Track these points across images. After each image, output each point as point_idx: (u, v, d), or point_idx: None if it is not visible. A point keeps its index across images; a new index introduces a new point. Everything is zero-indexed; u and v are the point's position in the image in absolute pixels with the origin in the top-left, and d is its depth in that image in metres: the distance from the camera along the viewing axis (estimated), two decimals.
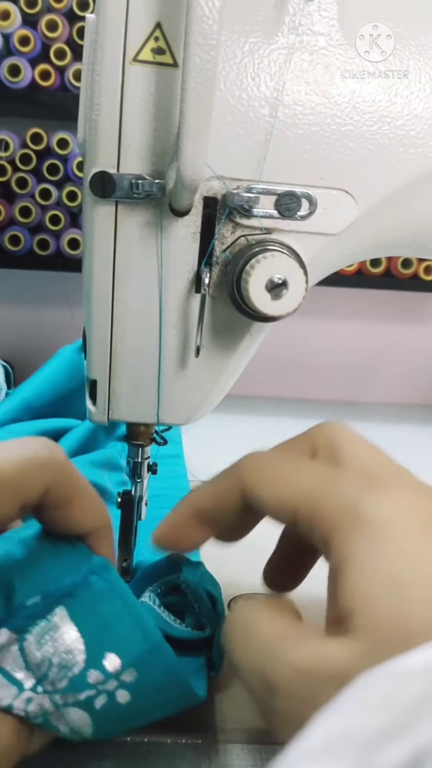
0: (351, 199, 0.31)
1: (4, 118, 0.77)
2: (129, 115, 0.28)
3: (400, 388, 0.98)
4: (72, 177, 0.76)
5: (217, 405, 0.36)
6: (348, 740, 0.15)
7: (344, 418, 0.90)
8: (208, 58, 0.24)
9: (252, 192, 0.30)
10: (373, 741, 0.15)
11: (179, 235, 0.31)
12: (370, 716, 0.16)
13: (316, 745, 0.16)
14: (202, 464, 0.61)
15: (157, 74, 0.28)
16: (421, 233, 0.33)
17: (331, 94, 0.30)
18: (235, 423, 0.78)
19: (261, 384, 0.92)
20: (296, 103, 0.29)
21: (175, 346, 0.33)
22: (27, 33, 0.70)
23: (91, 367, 0.34)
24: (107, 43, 0.27)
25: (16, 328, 0.90)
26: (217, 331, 0.33)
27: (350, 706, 0.17)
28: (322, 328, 0.94)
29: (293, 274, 0.29)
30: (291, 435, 0.32)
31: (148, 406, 0.34)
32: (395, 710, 0.16)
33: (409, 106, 0.30)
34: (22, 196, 0.76)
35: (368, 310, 0.94)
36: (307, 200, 0.30)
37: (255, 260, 0.29)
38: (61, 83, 0.73)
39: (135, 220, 0.30)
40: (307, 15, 0.29)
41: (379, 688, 0.17)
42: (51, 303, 0.89)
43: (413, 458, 0.34)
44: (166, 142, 0.29)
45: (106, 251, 0.31)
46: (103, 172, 0.29)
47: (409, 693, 0.16)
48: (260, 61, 0.29)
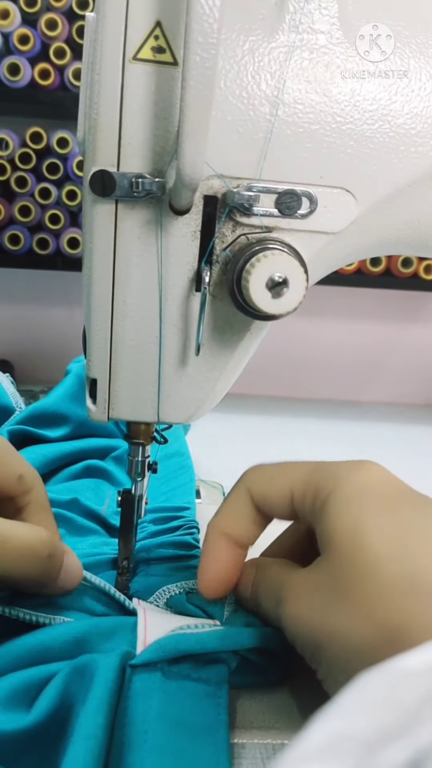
0: (351, 198, 0.31)
1: (4, 117, 0.77)
2: (129, 113, 0.28)
3: (401, 387, 0.98)
4: (72, 176, 0.76)
5: (217, 404, 0.36)
6: (348, 741, 0.15)
7: (344, 417, 0.90)
8: (208, 57, 0.24)
9: (252, 190, 0.30)
10: (373, 742, 0.15)
11: (179, 234, 0.30)
12: (370, 717, 0.16)
13: (316, 746, 0.15)
14: (203, 463, 0.61)
15: (157, 73, 0.28)
16: (422, 232, 0.33)
17: (332, 93, 0.30)
18: (235, 422, 0.78)
19: (261, 383, 0.92)
20: (296, 101, 0.29)
21: (175, 345, 0.33)
22: (26, 32, 0.70)
23: (91, 366, 0.34)
24: (107, 41, 0.27)
25: (15, 328, 0.90)
26: (217, 329, 0.33)
27: (350, 706, 0.17)
28: (322, 327, 0.94)
29: (294, 272, 0.29)
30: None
31: (148, 405, 0.34)
32: (396, 711, 0.16)
33: (409, 104, 0.30)
34: (22, 196, 0.76)
35: (368, 309, 0.94)
36: (308, 199, 0.30)
37: (255, 259, 0.29)
38: (60, 82, 0.73)
39: (135, 218, 0.30)
40: (308, 13, 0.29)
41: (379, 688, 0.17)
42: (51, 302, 0.89)
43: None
44: (166, 140, 0.29)
45: (106, 250, 0.31)
46: (102, 171, 0.29)
47: (410, 693, 0.16)
48: (260, 59, 0.29)
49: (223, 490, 0.57)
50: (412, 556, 0.26)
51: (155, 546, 0.44)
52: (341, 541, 0.28)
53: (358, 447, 0.75)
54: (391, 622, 0.26)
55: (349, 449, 0.74)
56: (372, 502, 0.29)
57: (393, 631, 0.25)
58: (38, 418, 0.57)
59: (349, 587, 0.27)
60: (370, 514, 0.29)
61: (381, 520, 0.28)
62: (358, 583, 0.27)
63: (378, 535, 0.27)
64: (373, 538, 0.27)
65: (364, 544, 0.27)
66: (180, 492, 0.53)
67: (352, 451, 0.73)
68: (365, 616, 0.26)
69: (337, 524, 0.29)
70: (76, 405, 0.58)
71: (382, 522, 0.28)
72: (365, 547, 0.27)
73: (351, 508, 0.29)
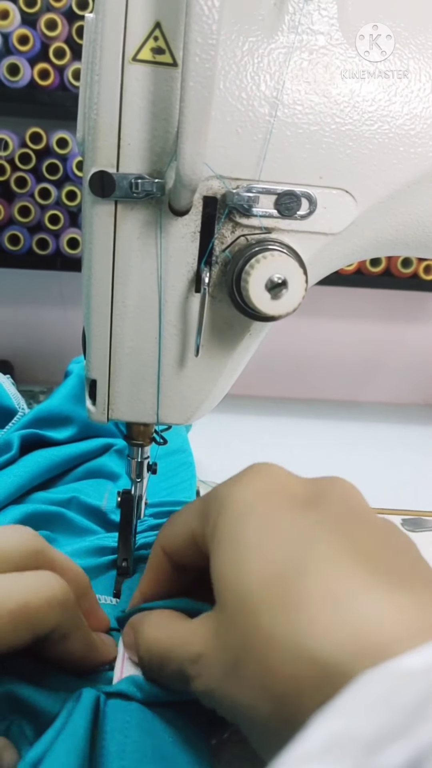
0: (351, 199, 0.31)
1: (4, 118, 0.77)
2: (128, 114, 0.28)
3: (400, 387, 0.98)
4: (71, 176, 0.76)
5: (216, 405, 0.36)
6: (348, 741, 0.15)
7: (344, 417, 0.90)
8: (207, 58, 0.24)
9: (252, 191, 0.30)
10: (373, 742, 0.15)
11: (179, 235, 0.30)
12: (370, 717, 0.16)
13: (316, 746, 0.15)
14: (203, 463, 0.61)
15: (156, 74, 0.28)
16: (421, 232, 0.33)
17: (331, 94, 0.30)
18: (235, 422, 0.78)
19: (261, 384, 0.92)
20: (296, 102, 0.29)
21: (175, 346, 0.33)
22: (26, 32, 0.70)
23: (90, 367, 0.34)
24: (106, 42, 0.27)
25: (15, 328, 0.90)
26: (216, 330, 0.33)
27: (350, 706, 0.17)
28: (322, 328, 0.94)
29: (293, 273, 0.29)
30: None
31: (148, 406, 0.34)
32: (395, 711, 0.15)
33: (408, 105, 0.30)
34: (22, 196, 0.76)
35: (368, 309, 0.94)
36: (307, 200, 0.30)
37: (255, 260, 0.29)
38: (60, 82, 0.73)
39: (134, 219, 0.30)
40: (307, 14, 0.29)
41: (379, 688, 0.17)
42: (50, 303, 0.89)
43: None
44: (165, 141, 0.29)
45: (106, 251, 0.31)
46: (102, 172, 0.29)
47: (410, 693, 0.16)
48: (260, 60, 0.29)
49: None
50: (295, 609, 0.23)
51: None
52: (225, 592, 0.25)
53: (357, 447, 0.75)
54: (287, 698, 0.22)
55: (348, 449, 0.74)
56: (252, 527, 0.26)
57: (290, 706, 0.22)
58: (44, 421, 0.57)
59: (239, 658, 0.24)
60: (249, 545, 0.25)
61: (261, 553, 0.25)
62: (248, 653, 0.23)
63: (258, 578, 0.24)
64: (253, 583, 0.24)
65: (245, 596, 0.24)
66: (181, 488, 0.54)
67: (351, 451, 0.73)
68: (261, 689, 0.23)
69: (219, 562, 0.26)
70: (79, 406, 0.58)
71: (262, 556, 0.25)
72: (246, 600, 0.24)
73: (232, 539, 0.26)
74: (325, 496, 0.27)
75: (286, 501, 0.27)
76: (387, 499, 0.59)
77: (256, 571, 0.24)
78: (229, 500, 0.28)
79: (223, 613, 0.25)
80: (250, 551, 0.25)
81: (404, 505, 0.59)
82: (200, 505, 0.30)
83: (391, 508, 0.58)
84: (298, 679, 0.22)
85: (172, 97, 0.28)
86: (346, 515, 0.26)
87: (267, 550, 0.25)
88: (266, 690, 0.22)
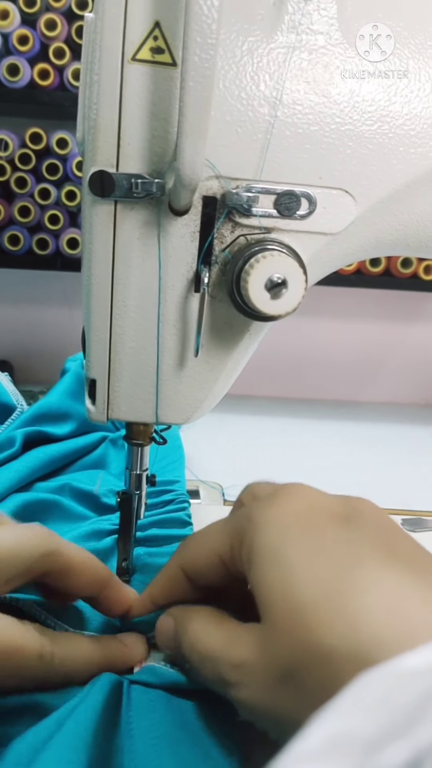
0: (350, 199, 0.31)
1: (3, 118, 0.77)
2: (128, 114, 0.28)
3: (400, 387, 0.98)
4: (71, 176, 0.76)
5: (216, 404, 0.36)
6: (348, 741, 0.15)
7: (344, 417, 0.90)
8: (207, 57, 0.24)
9: (251, 191, 0.30)
10: (372, 742, 0.15)
11: (178, 235, 0.30)
12: (370, 716, 0.16)
13: (316, 746, 0.15)
14: (202, 463, 0.61)
15: (155, 73, 0.28)
16: (421, 232, 0.33)
17: (331, 94, 0.30)
18: (235, 422, 0.78)
19: (261, 383, 0.92)
20: (295, 102, 0.29)
21: (175, 346, 0.33)
22: (26, 32, 0.70)
23: (90, 367, 0.34)
24: (106, 42, 0.27)
25: (15, 328, 0.90)
26: (216, 330, 0.33)
27: (350, 706, 0.17)
28: (322, 328, 0.94)
29: (293, 273, 0.29)
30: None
31: (147, 406, 0.34)
32: (395, 710, 0.15)
33: (408, 105, 0.30)
34: (22, 196, 0.76)
35: (368, 309, 0.94)
36: (307, 200, 0.30)
37: (254, 260, 0.29)
38: (60, 83, 0.73)
39: (134, 219, 0.30)
40: (307, 14, 0.29)
41: (379, 688, 0.17)
42: (50, 303, 0.89)
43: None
44: (165, 141, 0.29)
45: (106, 251, 0.31)
46: (102, 172, 0.29)
47: (410, 693, 0.16)
48: (259, 60, 0.29)
49: (222, 491, 0.57)
50: (354, 623, 0.23)
51: (149, 525, 0.45)
52: (274, 608, 0.25)
53: (357, 447, 0.75)
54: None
55: (348, 449, 0.74)
56: (295, 546, 0.26)
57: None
58: (44, 417, 0.58)
59: (293, 670, 0.24)
60: (295, 563, 0.26)
61: (310, 570, 0.25)
62: (304, 665, 0.24)
63: (311, 593, 0.25)
64: (305, 599, 0.25)
65: (297, 612, 0.24)
66: (171, 468, 0.55)
67: (352, 451, 0.73)
68: (321, 701, 0.22)
69: (265, 580, 0.26)
70: (77, 402, 0.59)
71: (312, 572, 0.25)
72: (299, 615, 0.24)
73: (274, 558, 0.27)
74: (361, 514, 0.28)
75: (325, 520, 0.28)
76: (387, 499, 0.59)
77: (307, 587, 0.25)
78: (266, 522, 0.28)
79: (272, 627, 0.25)
80: (297, 569, 0.26)
81: (404, 505, 0.59)
82: (227, 528, 0.31)
83: (391, 508, 0.57)
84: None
85: (172, 97, 0.28)
86: (384, 531, 0.27)
87: (315, 567, 0.25)
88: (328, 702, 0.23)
